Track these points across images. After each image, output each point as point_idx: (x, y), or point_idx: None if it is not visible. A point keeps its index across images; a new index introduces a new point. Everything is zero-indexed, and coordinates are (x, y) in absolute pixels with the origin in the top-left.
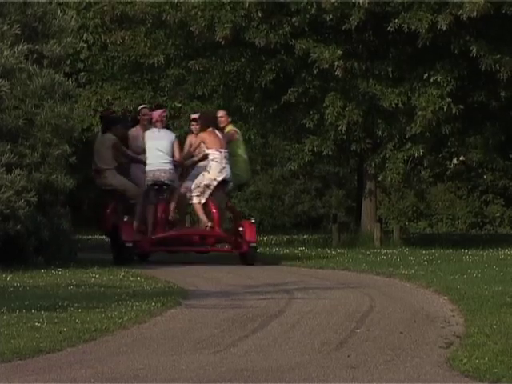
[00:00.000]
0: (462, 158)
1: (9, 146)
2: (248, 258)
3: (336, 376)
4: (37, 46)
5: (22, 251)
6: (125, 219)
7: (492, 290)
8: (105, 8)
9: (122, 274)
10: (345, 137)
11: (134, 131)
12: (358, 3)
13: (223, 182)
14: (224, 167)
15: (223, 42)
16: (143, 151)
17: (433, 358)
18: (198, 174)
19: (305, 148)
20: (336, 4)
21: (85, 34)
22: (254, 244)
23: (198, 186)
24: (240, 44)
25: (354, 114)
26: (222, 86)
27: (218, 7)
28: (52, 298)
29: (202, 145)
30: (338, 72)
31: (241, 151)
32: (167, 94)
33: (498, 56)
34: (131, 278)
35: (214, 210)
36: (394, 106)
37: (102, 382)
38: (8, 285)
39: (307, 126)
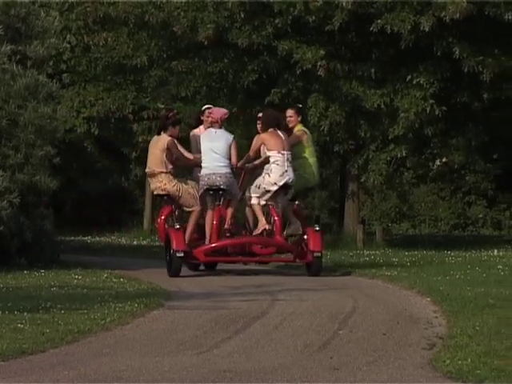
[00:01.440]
0: (444, 160)
1: None
2: (312, 268)
3: (319, 377)
4: (20, 47)
5: (4, 252)
6: (176, 226)
7: (475, 291)
8: (87, 9)
9: (105, 275)
10: (327, 138)
11: (197, 132)
12: (341, 4)
13: (285, 187)
14: (286, 171)
15: (206, 43)
16: None
17: (416, 359)
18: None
19: None
20: (319, 5)
21: (68, 36)
22: (318, 254)
23: (258, 188)
24: (223, 45)
25: (336, 115)
26: (205, 87)
27: (201, 8)
28: (35, 300)
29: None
30: (320, 72)
31: (309, 153)
32: (150, 95)
33: (481, 58)
34: (114, 280)
35: (276, 218)
36: (376, 107)
37: (84, 383)
38: None
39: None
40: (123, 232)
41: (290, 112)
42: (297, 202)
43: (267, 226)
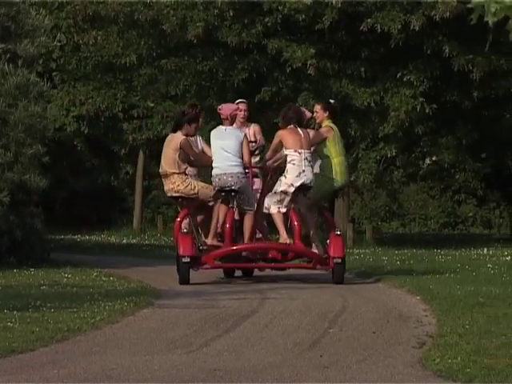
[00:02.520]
0: (434, 158)
1: None
2: (334, 276)
3: (309, 376)
4: (10, 46)
5: None
6: (184, 230)
7: (464, 289)
8: (77, 7)
9: (95, 274)
10: None
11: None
12: (331, 3)
13: (303, 188)
14: (303, 171)
15: (195, 41)
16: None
17: (405, 357)
18: None
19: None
20: (309, 4)
21: (58, 34)
22: (339, 260)
23: (275, 193)
24: (212, 43)
25: None
26: (194, 86)
27: (191, 6)
28: (24, 298)
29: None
30: (310, 71)
31: (335, 152)
32: (140, 94)
33: (471, 56)
34: (104, 278)
35: (295, 223)
36: (366, 105)
37: (74, 382)
38: None
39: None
40: (113, 230)
41: (316, 107)
42: (325, 205)
43: (288, 241)
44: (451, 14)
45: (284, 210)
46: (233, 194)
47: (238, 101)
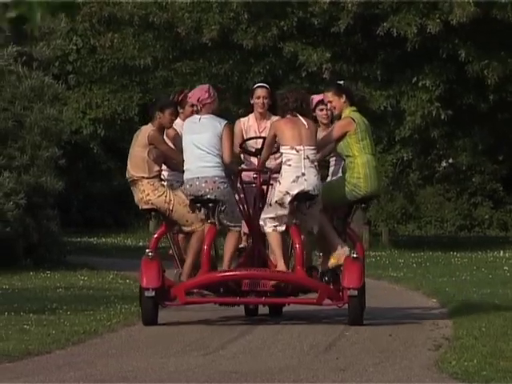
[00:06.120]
0: (450, 161)
1: None
2: (349, 313)
3: (325, 378)
4: (26, 49)
5: (10, 254)
6: (149, 254)
7: (481, 292)
8: (92, 9)
9: (111, 276)
10: None
11: (245, 121)
12: (347, 7)
13: (303, 197)
14: (302, 174)
15: (210, 44)
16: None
17: (422, 360)
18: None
19: None
20: (325, 8)
21: (74, 37)
22: (354, 292)
23: (270, 205)
24: (228, 46)
25: None
26: None
27: (206, 9)
28: (41, 301)
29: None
30: (326, 75)
31: (358, 148)
32: (155, 96)
33: (486, 61)
34: (120, 281)
35: (296, 245)
36: (382, 108)
37: (90, 383)
38: None
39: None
40: (129, 233)
41: (328, 96)
42: (349, 221)
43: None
44: (468, 18)
45: (282, 227)
46: (210, 204)
47: (256, 85)
